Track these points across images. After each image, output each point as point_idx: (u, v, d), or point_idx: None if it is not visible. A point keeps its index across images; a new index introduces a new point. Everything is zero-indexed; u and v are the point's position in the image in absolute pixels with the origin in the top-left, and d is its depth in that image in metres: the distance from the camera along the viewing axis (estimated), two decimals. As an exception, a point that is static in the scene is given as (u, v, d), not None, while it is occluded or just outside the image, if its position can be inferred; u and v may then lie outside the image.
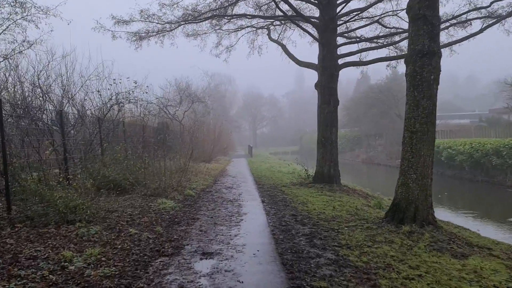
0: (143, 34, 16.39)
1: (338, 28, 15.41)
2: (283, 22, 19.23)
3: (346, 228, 7.82)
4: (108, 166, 12.62)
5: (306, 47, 21.95)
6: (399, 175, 8.36)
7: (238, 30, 19.37)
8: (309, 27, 16.42)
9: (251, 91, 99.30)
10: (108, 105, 14.73)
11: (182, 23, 16.41)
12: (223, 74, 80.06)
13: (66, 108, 13.88)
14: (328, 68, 14.37)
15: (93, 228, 7.20)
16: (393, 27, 16.85)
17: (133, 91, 16.00)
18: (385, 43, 17.69)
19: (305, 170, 15.50)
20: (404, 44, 19.59)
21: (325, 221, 8.46)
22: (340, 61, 14.94)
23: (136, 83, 15.85)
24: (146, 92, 17.84)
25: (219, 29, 19.01)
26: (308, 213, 9.31)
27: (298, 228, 7.77)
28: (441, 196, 19.69)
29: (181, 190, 12.96)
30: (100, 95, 14.70)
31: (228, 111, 72.98)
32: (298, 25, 15.26)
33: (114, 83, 15.36)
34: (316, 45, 23.37)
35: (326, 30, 14.34)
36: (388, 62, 20.41)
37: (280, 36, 20.04)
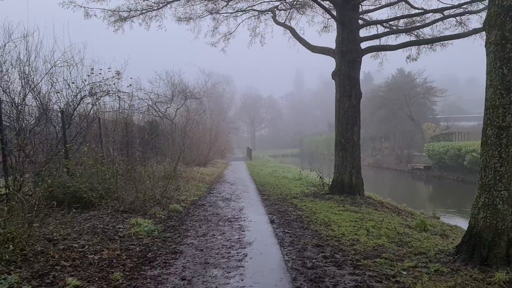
0: (124, 13, 13.66)
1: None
2: (290, 4, 16.58)
3: (404, 273, 5.13)
4: (73, 172, 9.95)
5: (315, 36, 19.30)
6: (478, 191, 5.67)
7: (237, 14, 16.69)
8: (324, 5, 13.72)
9: (249, 92, 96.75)
10: (78, 97, 12.01)
11: (170, 0, 13.72)
12: (221, 74, 77.69)
13: (27, 100, 11.24)
14: (348, 53, 11.71)
15: (9, 278, 4.49)
16: (421, 8, 14.17)
17: (114, 83, 13.34)
18: (408, 27, 15.06)
19: (320, 177, 12.78)
20: (428, 31, 16.98)
21: (367, 257, 5.76)
22: (363, 46, 12.29)
23: (119, 74, 13.14)
24: (130, 85, 15.14)
25: (216, 12, 16.34)
26: (338, 242, 6.62)
27: (332, 273, 5.06)
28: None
29: (166, 203, 10.25)
30: (69, 85, 12.05)
31: (226, 112, 70.24)
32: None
33: (91, 72, 12.71)
34: (326, 35, 20.77)
35: (347, 6, 11.69)
36: (408, 53, 17.84)
37: (286, 22, 17.35)
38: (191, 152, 21.13)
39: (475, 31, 12.22)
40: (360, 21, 14.61)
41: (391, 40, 18.68)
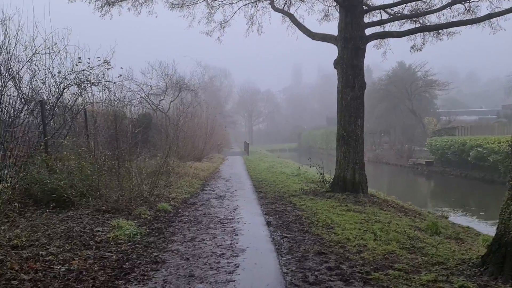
0: (111, -3, 12.74)
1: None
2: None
3: (424, 290, 4.36)
4: (52, 168, 9.18)
5: (315, 25, 18.43)
6: (509, 192, 4.90)
7: (233, 1, 15.82)
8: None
9: (247, 86, 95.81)
10: (62, 87, 11.18)
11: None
12: (218, 68, 76.76)
13: (8, 90, 10.47)
14: (352, 40, 10.89)
15: None
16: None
17: (102, 72, 12.51)
18: (414, 13, 14.19)
19: (320, 174, 11.98)
20: (434, 19, 16.11)
21: (378, 268, 4.99)
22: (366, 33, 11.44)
23: (107, 63, 12.27)
24: (120, 75, 14.30)
25: (211, -2, 15.47)
26: (343, 249, 5.84)
27: (339, 290, 4.28)
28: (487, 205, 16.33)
29: (154, 201, 9.47)
30: (52, 73, 11.25)
31: (224, 106, 69.36)
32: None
33: (79, 62, 11.89)
34: (326, 24, 19.86)
35: (350, -11, 10.85)
36: (413, 43, 16.96)
37: (285, 9, 16.48)
38: (185, 146, 20.32)
39: (489, 17, 11.39)
40: (364, 7, 13.79)
41: (395, 28, 17.85)
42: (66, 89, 11.36)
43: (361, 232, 6.94)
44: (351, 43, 10.94)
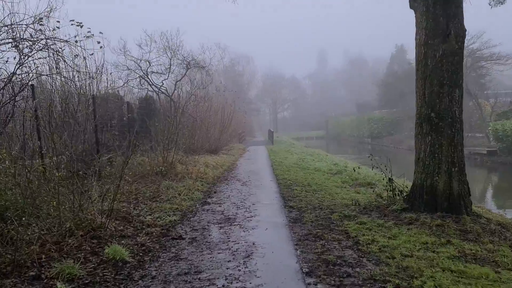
0: None
1: None
2: None
3: None
4: None
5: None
6: None
7: None
8: None
9: (270, 72, 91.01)
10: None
11: None
12: (240, 52, 72.26)
13: None
14: (444, -42, 6.51)
15: None
16: None
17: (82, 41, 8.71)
18: None
19: (389, 179, 7.55)
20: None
21: None
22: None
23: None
24: (98, 43, 10.32)
25: None
26: None
27: None
28: None
29: (112, 234, 5.47)
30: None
31: (246, 93, 64.97)
32: None
33: (40, 20, 8.07)
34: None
35: None
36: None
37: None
38: (194, 136, 16.34)
39: None
40: None
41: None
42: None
43: None
44: (441, -37, 6.58)
